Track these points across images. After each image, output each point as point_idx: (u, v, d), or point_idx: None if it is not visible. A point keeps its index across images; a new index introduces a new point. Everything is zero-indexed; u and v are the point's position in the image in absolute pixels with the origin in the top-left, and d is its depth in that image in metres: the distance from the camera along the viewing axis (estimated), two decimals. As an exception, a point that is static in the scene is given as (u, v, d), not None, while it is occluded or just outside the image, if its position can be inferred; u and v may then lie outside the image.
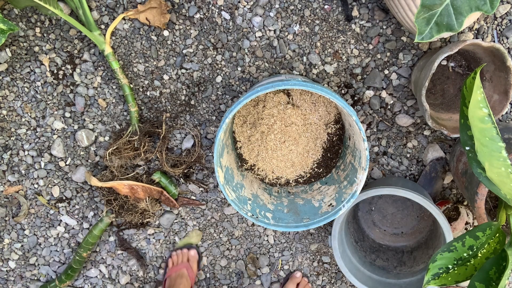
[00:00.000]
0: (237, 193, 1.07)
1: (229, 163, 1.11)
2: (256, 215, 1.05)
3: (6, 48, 1.16)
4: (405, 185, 1.09)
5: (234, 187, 1.07)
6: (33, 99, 1.20)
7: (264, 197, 1.14)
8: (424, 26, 0.79)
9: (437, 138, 1.20)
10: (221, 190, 1.03)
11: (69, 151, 1.23)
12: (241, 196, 1.08)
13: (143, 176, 1.21)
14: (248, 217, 1.04)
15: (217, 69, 1.16)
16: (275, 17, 1.12)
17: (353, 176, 1.02)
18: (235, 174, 1.12)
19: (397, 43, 1.13)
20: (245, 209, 1.05)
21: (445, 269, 0.85)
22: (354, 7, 1.11)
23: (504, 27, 1.11)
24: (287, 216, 1.08)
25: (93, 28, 1.09)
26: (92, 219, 1.28)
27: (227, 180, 1.05)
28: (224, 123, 0.94)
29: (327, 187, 1.13)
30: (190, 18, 1.13)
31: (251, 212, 1.05)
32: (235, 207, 1.03)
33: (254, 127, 1.14)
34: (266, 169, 1.18)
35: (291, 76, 1.06)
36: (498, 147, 0.72)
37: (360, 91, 1.17)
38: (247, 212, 1.04)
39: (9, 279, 1.33)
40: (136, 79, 1.18)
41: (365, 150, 0.93)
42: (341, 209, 1.01)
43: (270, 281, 1.32)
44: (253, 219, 1.04)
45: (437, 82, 1.14)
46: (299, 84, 0.91)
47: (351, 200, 1.00)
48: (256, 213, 1.06)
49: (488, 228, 0.85)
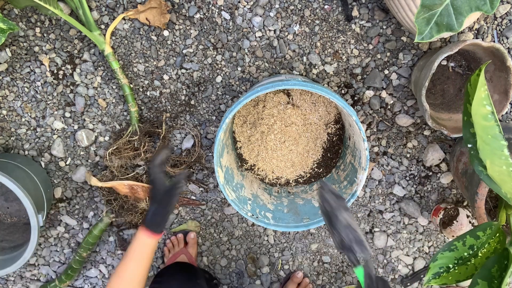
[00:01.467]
0: (237, 193, 1.07)
1: (229, 163, 1.11)
2: (256, 215, 1.05)
3: (6, 48, 1.16)
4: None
5: (234, 187, 1.07)
6: (33, 99, 1.20)
7: (264, 197, 1.14)
8: (424, 26, 0.79)
9: (437, 138, 1.20)
10: (221, 190, 1.03)
11: (69, 151, 1.23)
12: (241, 196, 1.08)
13: (143, 176, 1.21)
14: (248, 217, 1.04)
15: (217, 69, 1.16)
16: (275, 17, 1.12)
17: (353, 176, 1.02)
18: (235, 174, 1.12)
19: (397, 43, 1.13)
20: (245, 209, 1.05)
21: (446, 268, 0.85)
22: (354, 7, 1.11)
23: (504, 27, 1.11)
24: (287, 216, 1.08)
25: (93, 28, 1.09)
26: (92, 219, 1.28)
27: (227, 180, 1.05)
28: (224, 123, 0.94)
29: None
30: (190, 18, 1.13)
31: (251, 212, 1.05)
32: (235, 207, 1.03)
33: (254, 127, 1.14)
34: (266, 169, 1.18)
35: (291, 76, 1.06)
36: (501, 145, 0.72)
37: (360, 91, 1.17)
38: (247, 212, 1.04)
39: (9, 279, 1.33)
40: (136, 79, 1.18)
41: (365, 150, 0.93)
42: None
43: (270, 281, 1.32)
44: (253, 219, 1.04)
45: (437, 82, 1.14)
46: (299, 84, 0.91)
47: (351, 200, 1.00)
48: (256, 213, 1.06)
49: (489, 228, 0.85)
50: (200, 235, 1.29)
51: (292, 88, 0.90)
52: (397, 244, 1.29)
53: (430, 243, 1.29)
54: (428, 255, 1.30)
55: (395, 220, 1.27)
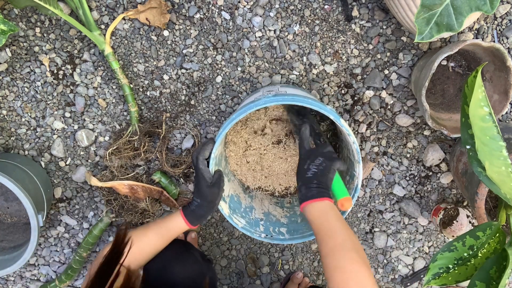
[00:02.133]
0: (246, 218, 1.06)
1: (233, 190, 1.11)
2: (270, 234, 1.05)
3: (6, 48, 1.16)
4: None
5: (242, 213, 1.07)
6: (33, 99, 1.20)
7: (276, 212, 1.13)
8: (424, 26, 0.79)
9: (437, 138, 1.20)
10: (229, 221, 1.03)
11: (69, 151, 1.23)
12: (251, 219, 1.07)
13: (143, 176, 1.21)
14: (262, 239, 1.03)
15: (217, 69, 1.16)
16: (275, 17, 1.12)
17: (352, 170, 1.02)
18: (242, 199, 1.12)
19: (397, 43, 1.13)
20: (258, 232, 1.04)
21: (446, 269, 0.85)
22: (354, 7, 1.11)
23: (504, 27, 1.11)
24: (301, 226, 1.07)
25: (93, 28, 1.09)
26: (92, 219, 1.28)
27: (233, 209, 1.05)
28: (213, 154, 0.93)
29: None
30: (190, 18, 1.13)
31: (265, 232, 1.05)
32: (247, 233, 1.03)
33: (249, 151, 1.16)
34: (273, 183, 1.19)
35: (269, 89, 1.05)
36: (499, 146, 0.72)
37: (360, 91, 1.17)
38: (260, 234, 1.04)
39: (9, 279, 1.33)
40: (136, 79, 1.18)
41: (353, 144, 0.93)
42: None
43: (270, 281, 1.32)
44: (268, 239, 1.03)
45: (437, 82, 1.14)
46: (264, 102, 0.90)
47: (355, 195, 1.00)
48: (270, 232, 1.05)
49: (488, 228, 0.85)
50: (200, 235, 1.29)
51: (262, 107, 0.91)
52: (397, 244, 1.29)
53: (430, 243, 1.29)
54: (428, 255, 1.30)
55: (395, 220, 1.27)
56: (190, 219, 0.91)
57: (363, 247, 1.29)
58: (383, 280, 1.33)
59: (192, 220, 0.92)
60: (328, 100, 1.18)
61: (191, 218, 0.91)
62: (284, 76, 1.16)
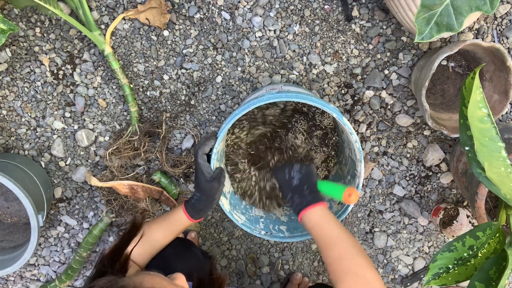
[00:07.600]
0: (247, 215, 1.06)
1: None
2: (270, 232, 1.05)
3: (6, 48, 1.16)
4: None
5: (243, 209, 1.07)
6: (33, 99, 1.20)
7: (276, 211, 1.13)
8: (424, 26, 0.79)
9: (437, 138, 1.20)
10: (229, 217, 1.03)
11: (69, 151, 1.23)
12: (251, 216, 1.07)
13: (143, 176, 1.21)
14: (261, 236, 1.03)
15: (217, 69, 1.16)
16: (275, 17, 1.12)
17: (353, 170, 1.02)
18: None
19: (397, 43, 1.13)
20: (257, 229, 1.04)
21: (446, 269, 0.85)
22: (354, 7, 1.11)
23: (504, 27, 1.11)
24: (301, 225, 1.07)
25: (93, 28, 1.09)
26: (92, 219, 1.28)
27: (233, 206, 1.04)
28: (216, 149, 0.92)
29: None
30: (190, 18, 1.13)
31: (264, 230, 1.05)
32: (247, 230, 1.02)
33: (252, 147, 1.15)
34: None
35: (271, 87, 1.05)
36: (498, 147, 0.72)
37: (360, 91, 1.17)
38: (260, 231, 1.04)
39: (9, 279, 1.33)
40: (136, 79, 1.18)
41: (355, 143, 0.93)
42: (349, 206, 1.01)
43: (270, 281, 1.32)
44: (268, 236, 1.03)
45: (437, 82, 1.14)
46: (267, 98, 0.89)
47: None
48: (269, 229, 1.05)
49: (488, 228, 0.85)
50: (200, 235, 1.29)
51: (264, 103, 0.90)
52: (397, 244, 1.29)
53: (430, 243, 1.29)
54: (428, 255, 1.30)
55: (395, 220, 1.27)
56: (190, 212, 0.92)
57: (363, 247, 1.29)
58: (383, 280, 1.33)
59: (192, 213, 0.92)
60: (328, 100, 1.18)
61: (192, 212, 0.92)
62: (284, 76, 1.16)
